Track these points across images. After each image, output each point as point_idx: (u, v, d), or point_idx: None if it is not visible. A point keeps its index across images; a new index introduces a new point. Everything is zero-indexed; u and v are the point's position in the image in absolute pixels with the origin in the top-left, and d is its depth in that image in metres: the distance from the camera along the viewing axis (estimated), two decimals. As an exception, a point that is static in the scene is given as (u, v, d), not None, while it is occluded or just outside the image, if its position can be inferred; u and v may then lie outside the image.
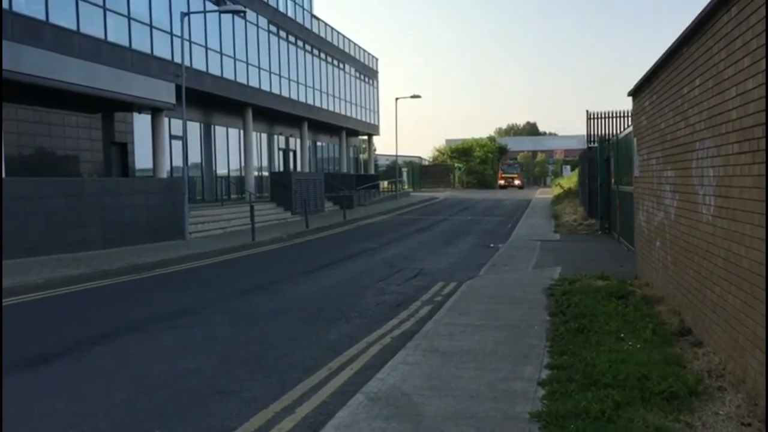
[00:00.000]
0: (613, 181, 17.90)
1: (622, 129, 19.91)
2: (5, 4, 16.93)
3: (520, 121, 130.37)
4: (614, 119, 23.65)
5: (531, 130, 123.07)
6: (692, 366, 6.02)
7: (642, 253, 10.88)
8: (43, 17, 18.14)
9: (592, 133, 24.25)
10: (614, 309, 8.30)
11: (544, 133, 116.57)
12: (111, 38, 20.80)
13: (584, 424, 4.68)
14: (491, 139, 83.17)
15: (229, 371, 6.90)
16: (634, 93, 11.18)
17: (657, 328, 7.27)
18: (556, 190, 44.21)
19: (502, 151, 79.66)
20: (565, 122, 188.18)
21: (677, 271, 7.89)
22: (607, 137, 21.02)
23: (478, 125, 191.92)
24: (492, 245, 18.35)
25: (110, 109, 22.00)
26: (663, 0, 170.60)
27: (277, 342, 8.14)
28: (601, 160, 19.82)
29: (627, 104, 32.10)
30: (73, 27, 19.24)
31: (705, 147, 6.36)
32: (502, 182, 68.12)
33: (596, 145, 21.82)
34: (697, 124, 6.65)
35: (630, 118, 16.29)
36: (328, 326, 8.89)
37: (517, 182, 68.23)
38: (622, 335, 7.11)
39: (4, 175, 16.53)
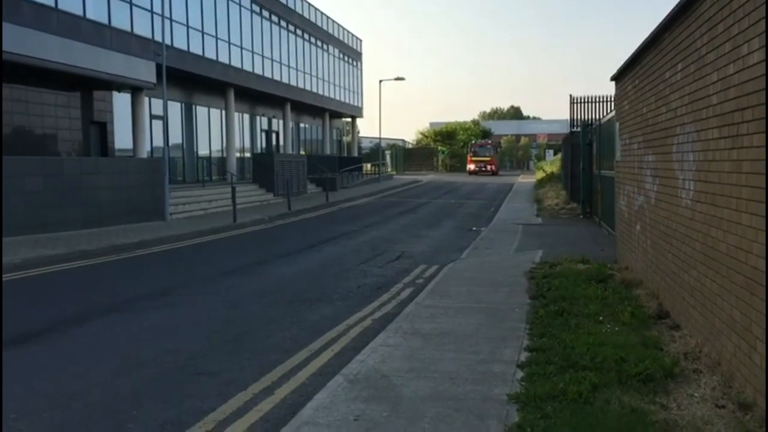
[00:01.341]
0: (595, 165, 17.97)
1: (605, 114, 19.96)
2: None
3: (505, 105, 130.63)
4: (597, 104, 23.67)
5: (515, 114, 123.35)
6: (669, 349, 6.07)
7: (622, 238, 10.95)
8: (20, -7, 17.78)
9: (575, 117, 24.27)
10: (594, 292, 8.35)
11: (528, 117, 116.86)
12: (90, 15, 20.45)
13: (561, 406, 4.71)
14: (475, 122, 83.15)
15: (209, 352, 6.87)
16: (617, 77, 11.19)
17: (635, 311, 7.32)
18: (539, 175, 44.35)
19: (486, 134, 79.60)
20: (550, 106, 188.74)
21: (656, 255, 7.95)
22: (589, 122, 21.08)
23: (463, 109, 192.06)
24: (474, 228, 18.39)
25: (89, 87, 21.67)
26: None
27: (258, 323, 8.11)
28: (584, 145, 19.88)
29: (610, 89, 32.19)
30: (51, 3, 18.88)
31: (686, 132, 6.38)
32: (472, 167, 58.83)
33: (579, 129, 21.87)
34: (679, 109, 6.66)
35: (613, 103, 16.33)
36: (309, 308, 8.87)
37: (490, 167, 58.48)
38: (601, 318, 7.16)
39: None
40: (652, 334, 6.56)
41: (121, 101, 23.37)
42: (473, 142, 66.13)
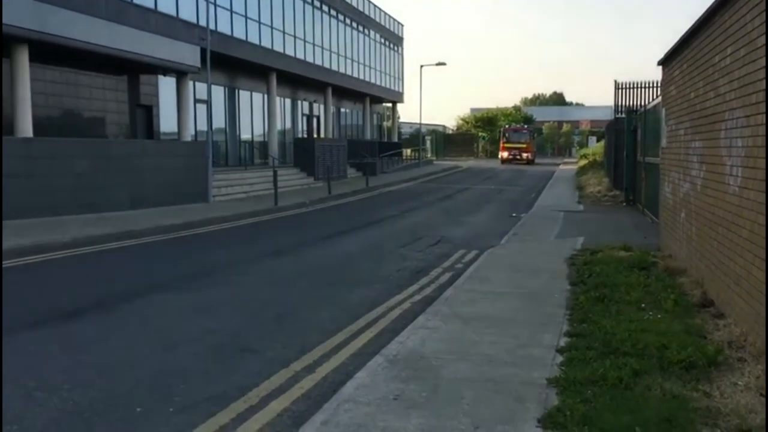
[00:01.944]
0: (639, 152, 17.69)
1: (650, 99, 19.60)
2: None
3: (547, 91, 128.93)
4: (642, 89, 23.29)
5: (557, 100, 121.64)
6: (713, 337, 6.00)
7: (666, 225, 10.79)
8: (70, -22, 18.15)
9: (619, 103, 23.92)
10: (636, 279, 8.28)
11: (571, 104, 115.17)
12: (137, 0, 20.78)
13: (601, 391, 4.71)
14: (516, 108, 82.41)
15: (252, 331, 7.01)
16: (664, 62, 10.98)
17: (679, 299, 7.24)
18: (581, 161, 43.77)
19: (528, 120, 78.72)
20: (593, 93, 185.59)
21: (701, 242, 7.83)
22: (634, 108, 20.71)
23: (504, 95, 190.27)
24: (514, 214, 18.29)
25: (136, 71, 22.07)
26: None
27: (299, 304, 8.24)
28: (628, 131, 19.56)
29: (656, 74, 31.56)
30: (100, -12, 19.24)
31: (734, 117, 6.26)
32: (504, 154, 53.05)
33: (623, 115, 21.51)
34: (727, 94, 6.53)
35: (659, 89, 16.03)
36: (349, 290, 8.97)
37: (525, 155, 52.50)
38: (643, 305, 7.09)
39: (31, 135, 16.71)
40: (695, 322, 6.49)
41: (167, 85, 23.76)
42: (506, 126, 59.01)
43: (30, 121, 16.86)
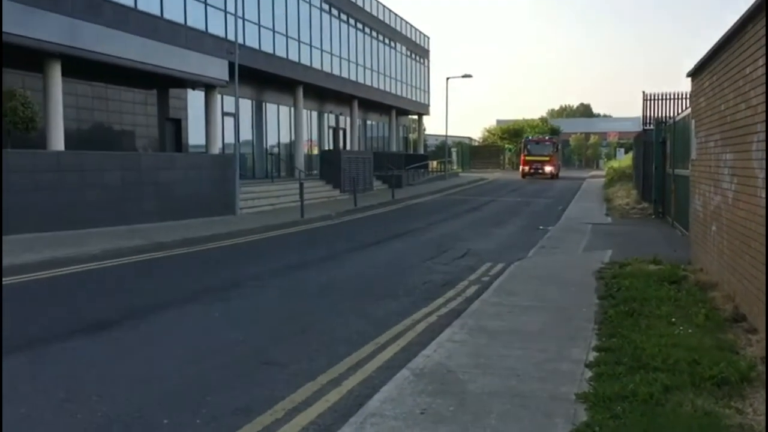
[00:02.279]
0: (668, 164, 17.48)
1: (679, 111, 19.38)
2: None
3: (574, 103, 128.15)
4: (671, 101, 23.03)
5: (584, 111, 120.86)
6: (745, 352, 5.89)
7: (697, 238, 10.63)
8: (102, -6, 18.50)
9: (648, 114, 23.68)
10: (666, 293, 8.16)
11: (598, 115, 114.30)
12: (167, 15, 21.10)
13: (631, 407, 4.63)
14: (543, 120, 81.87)
15: (277, 343, 7.03)
16: (694, 73, 10.86)
17: (710, 313, 7.12)
18: (609, 173, 43.36)
19: (554, 132, 78.18)
20: (621, 104, 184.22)
21: (733, 256, 7.70)
22: (663, 119, 20.49)
23: (530, 106, 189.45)
24: (541, 227, 18.16)
25: (165, 85, 22.40)
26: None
27: (324, 316, 8.25)
28: (657, 143, 19.35)
29: (685, 85, 31.23)
30: (131, 4, 19.57)
31: (766, 129, 6.16)
32: (525, 168, 48.35)
33: (652, 127, 21.29)
34: (759, 106, 6.43)
35: (688, 100, 15.86)
36: (375, 303, 8.96)
37: (548, 168, 47.60)
38: (674, 320, 6.98)
39: (62, 149, 17.01)
40: (727, 337, 6.37)
41: (195, 98, 24.07)
42: (528, 137, 54.67)
43: (62, 134, 17.16)
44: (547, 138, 53.00)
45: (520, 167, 49.89)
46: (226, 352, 6.71)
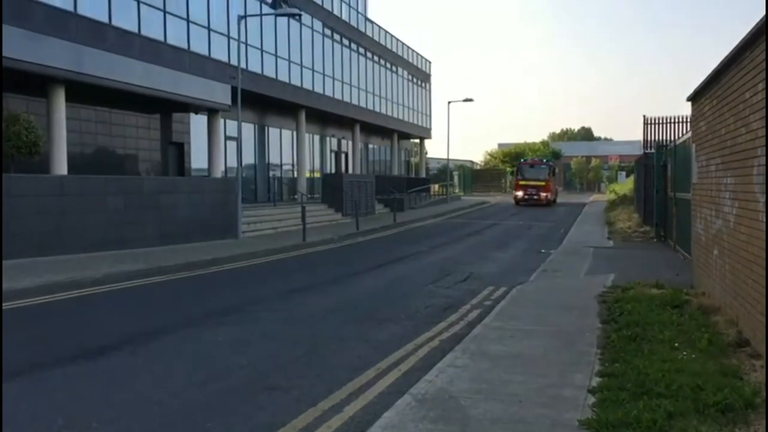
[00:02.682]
0: (669, 187, 17.51)
1: (680, 135, 19.45)
2: (70, 7, 17.54)
3: (575, 126, 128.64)
4: (672, 125, 23.15)
5: (586, 135, 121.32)
6: (749, 378, 5.85)
7: (699, 262, 10.61)
8: (106, 19, 18.70)
9: (648, 138, 23.81)
10: (669, 318, 8.13)
11: (599, 138, 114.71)
12: (170, 41, 21.31)
13: (635, 433, 4.60)
14: (544, 143, 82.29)
15: (279, 368, 6.99)
16: (694, 98, 10.92)
17: (713, 338, 7.09)
18: (611, 197, 43.39)
19: (556, 155, 78.41)
20: (622, 128, 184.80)
21: (735, 280, 7.68)
22: (664, 143, 20.58)
23: (532, 130, 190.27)
24: (543, 251, 18.13)
25: (168, 109, 22.56)
26: (722, 4, 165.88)
27: (326, 341, 8.22)
28: (658, 167, 19.40)
29: (685, 109, 31.36)
30: (134, 29, 19.78)
31: (767, 153, 6.18)
32: (519, 194, 44.20)
33: (653, 151, 21.37)
34: (759, 130, 6.46)
35: (688, 124, 15.92)
36: (377, 327, 8.93)
37: (543, 194, 43.45)
38: (677, 345, 6.95)
39: (66, 173, 17.09)
40: (731, 362, 6.33)
41: (198, 123, 24.23)
42: (523, 160, 50.65)
43: (65, 159, 17.27)
44: (543, 161, 48.19)
45: (514, 193, 45.56)
46: (228, 376, 6.68)
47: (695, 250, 11.13)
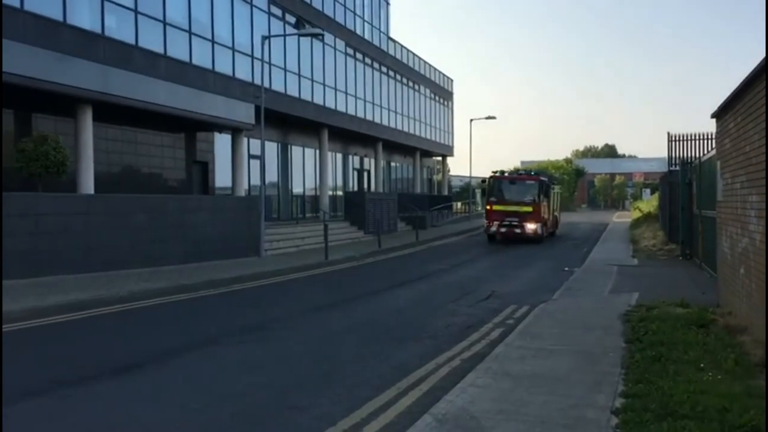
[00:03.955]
0: (695, 205, 17.32)
1: (704, 152, 19.27)
2: (98, 29, 17.89)
3: (599, 143, 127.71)
4: (697, 141, 22.94)
5: (609, 152, 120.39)
6: (777, 400, 5.74)
7: (725, 281, 10.46)
8: (133, 41, 19.04)
9: (673, 155, 23.61)
10: (694, 338, 8.02)
11: (623, 156, 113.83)
12: (195, 61, 21.62)
13: (659, 456, 4.53)
14: (568, 161, 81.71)
15: (299, 387, 7.00)
16: (718, 115, 10.83)
17: (739, 358, 6.97)
18: (635, 214, 43.00)
19: (579, 173, 77.92)
20: (646, 145, 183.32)
21: (762, 299, 7.55)
22: (689, 160, 20.39)
23: (555, 147, 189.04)
24: (566, 269, 18.00)
25: (193, 129, 22.84)
26: (747, 21, 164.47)
27: (347, 359, 8.21)
28: (683, 184, 19.21)
29: (710, 126, 31.09)
30: (161, 50, 20.10)
31: (792, 171, 6.10)
32: (492, 226, 28.39)
33: (678, 168, 21.17)
34: (784, 148, 6.38)
35: (713, 141, 15.76)
36: (398, 346, 8.91)
37: (529, 225, 27.73)
38: (702, 365, 6.84)
39: (92, 192, 17.35)
40: (757, 383, 6.22)
41: (222, 141, 24.48)
42: (497, 172, 29.96)
43: (92, 177, 17.52)
44: (531, 174, 31.11)
45: (486, 222, 29.24)
46: (249, 394, 6.69)
47: (721, 268, 10.97)
